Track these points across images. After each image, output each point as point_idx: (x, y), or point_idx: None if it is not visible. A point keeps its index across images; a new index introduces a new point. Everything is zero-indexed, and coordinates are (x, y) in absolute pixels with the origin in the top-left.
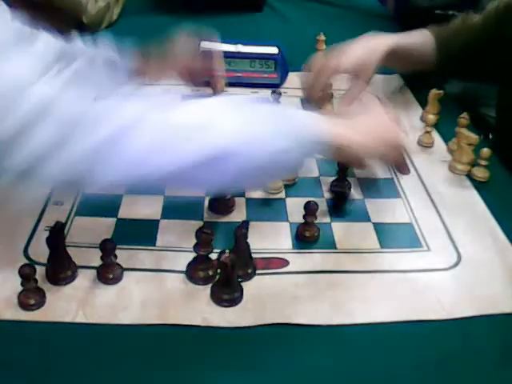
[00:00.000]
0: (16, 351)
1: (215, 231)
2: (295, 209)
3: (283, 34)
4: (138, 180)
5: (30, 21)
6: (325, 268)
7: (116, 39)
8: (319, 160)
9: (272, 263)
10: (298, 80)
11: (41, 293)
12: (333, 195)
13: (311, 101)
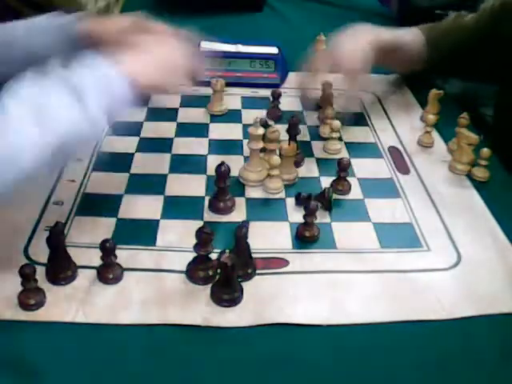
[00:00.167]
0: (16, 351)
1: (215, 231)
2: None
3: (283, 34)
4: None
5: None
6: (325, 268)
7: None
8: (319, 160)
9: (272, 263)
10: (298, 80)
11: (41, 293)
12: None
13: (307, 101)
